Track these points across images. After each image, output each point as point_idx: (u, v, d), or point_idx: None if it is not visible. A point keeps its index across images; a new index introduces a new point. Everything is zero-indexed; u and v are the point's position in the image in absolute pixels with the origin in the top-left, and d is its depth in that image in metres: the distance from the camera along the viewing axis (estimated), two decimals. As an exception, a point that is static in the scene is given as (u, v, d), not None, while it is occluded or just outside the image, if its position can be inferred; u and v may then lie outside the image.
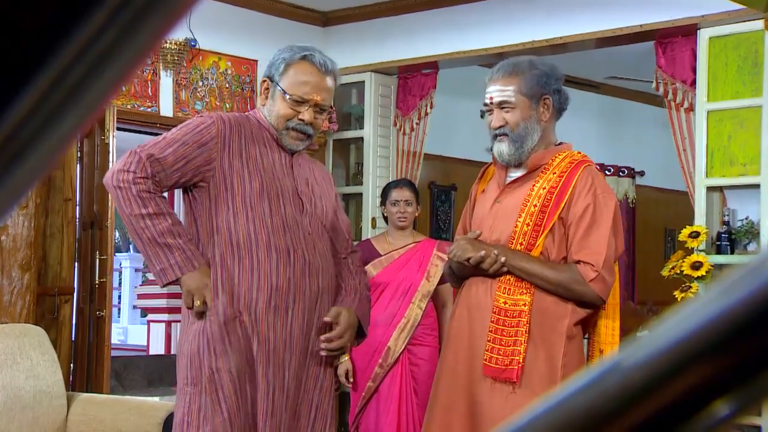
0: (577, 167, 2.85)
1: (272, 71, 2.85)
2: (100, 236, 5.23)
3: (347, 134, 6.42)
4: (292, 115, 2.81)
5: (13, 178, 0.35)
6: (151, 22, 0.34)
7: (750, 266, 0.37)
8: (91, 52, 0.34)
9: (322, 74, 2.83)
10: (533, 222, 2.79)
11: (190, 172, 2.74)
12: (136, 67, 0.36)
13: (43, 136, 0.35)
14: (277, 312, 2.74)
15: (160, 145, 2.74)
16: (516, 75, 2.88)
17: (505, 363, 2.73)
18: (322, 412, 2.84)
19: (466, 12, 5.79)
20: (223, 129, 2.77)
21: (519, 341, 2.72)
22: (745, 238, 4.85)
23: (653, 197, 8.76)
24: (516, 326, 2.73)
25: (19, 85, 0.33)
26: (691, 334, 0.36)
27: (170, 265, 2.68)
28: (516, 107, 2.87)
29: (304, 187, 2.87)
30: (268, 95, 2.86)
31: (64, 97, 0.34)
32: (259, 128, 2.86)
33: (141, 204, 2.67)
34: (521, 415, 0.39)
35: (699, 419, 0.36)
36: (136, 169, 2.68)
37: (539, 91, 2.88)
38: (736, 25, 4.85)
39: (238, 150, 2.78)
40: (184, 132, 2.76)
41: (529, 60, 2.96)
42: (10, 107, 0.34)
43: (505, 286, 2.78)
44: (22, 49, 0.33)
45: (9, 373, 4.15)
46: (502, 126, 2.87)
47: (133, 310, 12.68)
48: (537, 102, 2.88)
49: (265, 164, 2.80)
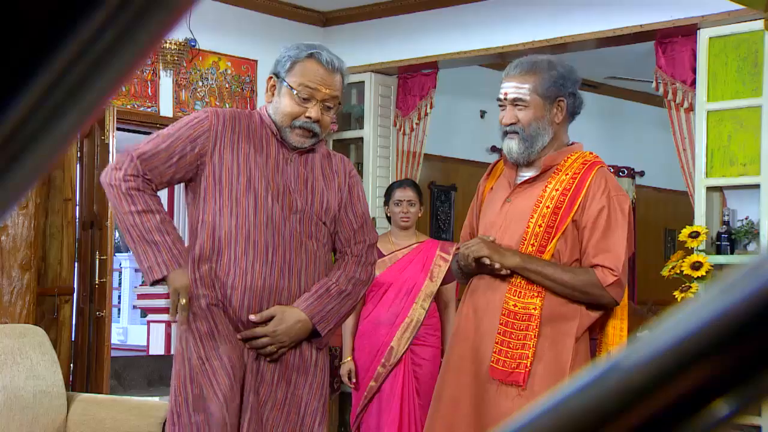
0: (590, 169, 2.83)
1: (278, 68, 2.83)
2: (100, 236, 5.23)
3: (347, 134, 6.42)
4: (299, 113, 2.79)
5: (13, 178, 0.35)
6: (150, 21, 0.34)
7: (749, 266, 0.37)
8: (91, 51, 0.34)
9: (330, 72, 2.83)
10: (545, 224, 2.76)
11: (184, 168, 2.75)
12: (136, 67, 0.36)
13: (43, 135, 0.35)
14: (251, 311, 2.73)
15: (152, 143, 2.75)
16: (533, 73, 2.85)
17: (513, 366, 2.71)
18: (311, 409, 2.82)
19: (466, 12, 5.80)
20: (216, 123, 2.77)
21: (528, 345, 2.71)
22: (745, 238, 4.85)
23: (653, 197, 8.77)
24: (525, 329, 2.72)
25: (20, 84, 0.33)
26: (690, 334, 0.36)
27: (157, 263, 2.68)
28: (529, 106, 2.83)
29: (298, 184, 2.84)
30: (275, 92, 2.84)
31: (64, 96, 0.34)
32: (259, 125, 2.84)
33: (130, 201, 2.69)
34: (521, 415, 0.39)
35: (699, 419, 0.36)
36: (126, 167, 2.70)
37: (555, 93, 2.85)
38: (736, 26, 4.85)
39: (230, 144, 2.77)
40: (177, 128, 2.78)
41: (548, 60, 2.93)
42: (10, 106, 0.34)
43: (516, 289, 2.76)
44: (22, 49, 0.33)
45: (9, 373, 4.15)
46: (513, 123, 2.84)
47: (133, 311, 12.68)
48: (551, 103, 2.85)
49: (257, 160, 2.78)
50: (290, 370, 2.80)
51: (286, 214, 2.78)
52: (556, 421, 0.37)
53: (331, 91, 2.82)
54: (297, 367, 2.81)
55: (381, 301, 4.57)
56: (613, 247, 2.74)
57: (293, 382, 2.80)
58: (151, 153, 2.72)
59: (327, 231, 2.87)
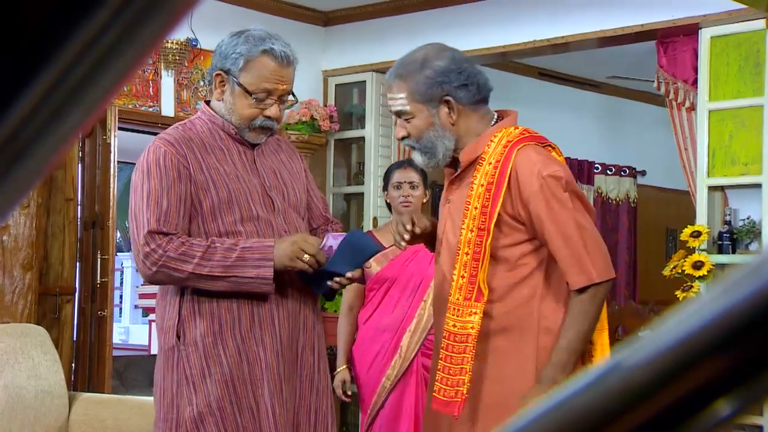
0: (509, 154, 2.45)
1: (228, 64, 2.65)
2: (101, 236, 5.23)
3: (348, 134, 6.42)
4: (256, 114, 2.65)
5: (15, 177, 0.35)
6: (152, 21, 0.34)
7: (751, 266, 0.37)
8: (93, 50, 0.34)
9: (284, 66, 2.66)
10: (476, 227, 2.44)
11: (191, 207, 2.62)
12: (137, 67, 0.36)
13: (46, 134, 0.35)
14: (263, 325, 2.62)
15: (147, 215, 2.56)
16: (406, 79, 2.52)
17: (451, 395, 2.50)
18: (322, 415, 2.75)
19: (467, 11, 5.79)
20: (176, 152, 2.61)
21: (465, 369, 2.46)
22: (746, 238, 4.85)
23: (655, 197, 8.76)
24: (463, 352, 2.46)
25: (22, 83, 0.33)
26: (692, 334, 0.36)
27: (256, 266, 2.52)
28: (414, 116, 2.52)
29: (273, 180, 2.73)
30: (224, 89, 2.68)
31: (67, 95, 0.34)
32: (210, 132, 2.69)
33: (183, 262, 2.53)
34: (522, 415, 0.39)
35: (701, 419, 0.36)
36: (151, 246, 2.54)
37: (437, 94, 2.49)
38: (738, 25, 4.85)
39: (197, 165, 2.62)
40: (153, 183, 2.58)
41: (422, 57, 2.53)
42: (12, 106, 0.34)
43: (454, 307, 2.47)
44: (24, 48, 0.33)
45: (11, 372, 4.15)
46: (405, 137, 2.56)
47: (135, 310, 12.69)
48: (436, 106, 2.50)
49: (227, 170, 2.65)
50: (296, 381, 2.71)
51: (270, 216, 2.68)
52: (558, 422, 0.37)
53: (286, 86, 2.67)
54: (301, 374, 2.72)
55: (383, 301, 3.96)
56: (574, 255, 2.40)
57: (298, 391, 2.71)
58: (161, 220, 2.56)
59: (304, 222, 2.81)
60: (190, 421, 2.58)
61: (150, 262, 2.53)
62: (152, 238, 2.53)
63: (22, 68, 0.33)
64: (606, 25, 5.30)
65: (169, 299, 2.66)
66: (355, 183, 6.45)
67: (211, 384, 2.59)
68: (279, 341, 2.65)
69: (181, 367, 2.61)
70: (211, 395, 2.58)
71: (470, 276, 2.44)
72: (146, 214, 2.56)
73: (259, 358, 2.62)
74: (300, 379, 2.72)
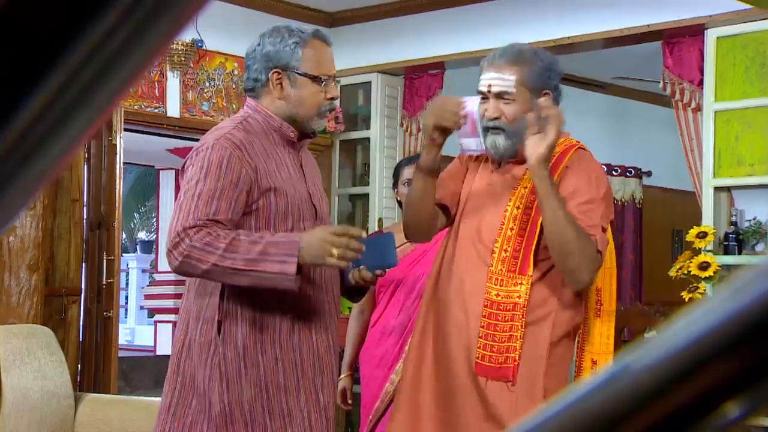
0: (568, 149, 2.66)
1: (282, 60, 2.65)
2: (107, 237, 5.24)
3: (354, 135, 6.42)
4: (323, 99, 2.65)
5: (23, 179, 0.35)
6: (160, 24, 0.34)
7: (759, 267, 0.37)
8: (101, 54, 0.34)
9: (330, 47, 2.72)
10: (523, 205, 2.59)
11: (240, 213, 2.56)
12: (145, 69, 0.37)
13: (54, 137, 0.35)
14: (302, 334, 2.61)
15: (194, 213, 2.49)
16: (519, 64, 2.62)
17: (500, 361, 2.61)
18: (327, 415, 2.75)
19: (473, 12, 5.79)
20: (241, 156, 2.56)
21: (514, 336, 2.59)
22: (752, 239, 4.84)
23: (660, 197, 8.75)
24: (511, 320, 2.61)
25: (30, 86, 0.33)
26: (701, 336, 0.36)
27: (280, 261, 2.44)
28: (516, 100, 2.60)
29: (313, 187, 2.72)
30: (283, 87, 2.66)
31: (75, 98, 0.34)
32: (265, 133, 2.66)
33: (207, 252, 2.45)
34: (532, 417, 0.39)
35: (710, 421, 0.36)
36: (180, 237, 2.47)
37: (541, 85, 2.62)
38: (744, 25, 4.84)
39: (264, 173, 2.58)
40: (209, 183, 2.52)
41: (533, 49, 2.72)
42: (20, 108, 0.34)
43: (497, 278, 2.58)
44: (33, 51, 0.33)
45: (17, 373, 4.16)
46: (497, 118, 2.60)
47: (140, 311, 12.71)
48: (537, 96, 2.61)
49: (283, 176, 2.62)
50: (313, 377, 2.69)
51: (313, 224, 2.64)
52: (567, 423, 0.37)
53: (335, 67, 2.74)
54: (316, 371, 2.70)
55: (389, 304, 3.88)
56: (592, 214, 2.54)
57: (316, 389, 2.70)
58: (208, 211, 2.49)
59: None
60: (220, 416, 2.57)
61: (177, 252, 2.47)
62: (186, 233, 2.47)
63: (31, 70, 0.33)
64: (611, 25, 5.30)
65: (209, 291, 2.60)
66: (360, 184, 6.45)
67: (246, 385, 2.58)
68: (316, 351, 2.65)
69: (216, 362, 2.57)
70: (243, 396, 2.57)
71: (513, 250, 2.58)
72: (193, 212, 2.50)
73: (295, 367, 2.61)
74: (322, 383, 2.72)
